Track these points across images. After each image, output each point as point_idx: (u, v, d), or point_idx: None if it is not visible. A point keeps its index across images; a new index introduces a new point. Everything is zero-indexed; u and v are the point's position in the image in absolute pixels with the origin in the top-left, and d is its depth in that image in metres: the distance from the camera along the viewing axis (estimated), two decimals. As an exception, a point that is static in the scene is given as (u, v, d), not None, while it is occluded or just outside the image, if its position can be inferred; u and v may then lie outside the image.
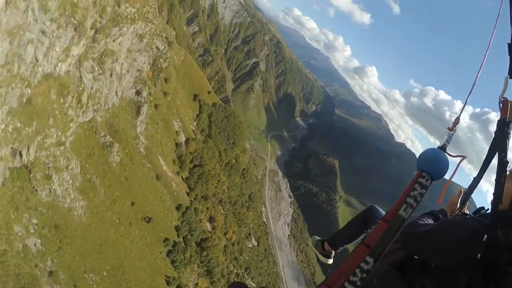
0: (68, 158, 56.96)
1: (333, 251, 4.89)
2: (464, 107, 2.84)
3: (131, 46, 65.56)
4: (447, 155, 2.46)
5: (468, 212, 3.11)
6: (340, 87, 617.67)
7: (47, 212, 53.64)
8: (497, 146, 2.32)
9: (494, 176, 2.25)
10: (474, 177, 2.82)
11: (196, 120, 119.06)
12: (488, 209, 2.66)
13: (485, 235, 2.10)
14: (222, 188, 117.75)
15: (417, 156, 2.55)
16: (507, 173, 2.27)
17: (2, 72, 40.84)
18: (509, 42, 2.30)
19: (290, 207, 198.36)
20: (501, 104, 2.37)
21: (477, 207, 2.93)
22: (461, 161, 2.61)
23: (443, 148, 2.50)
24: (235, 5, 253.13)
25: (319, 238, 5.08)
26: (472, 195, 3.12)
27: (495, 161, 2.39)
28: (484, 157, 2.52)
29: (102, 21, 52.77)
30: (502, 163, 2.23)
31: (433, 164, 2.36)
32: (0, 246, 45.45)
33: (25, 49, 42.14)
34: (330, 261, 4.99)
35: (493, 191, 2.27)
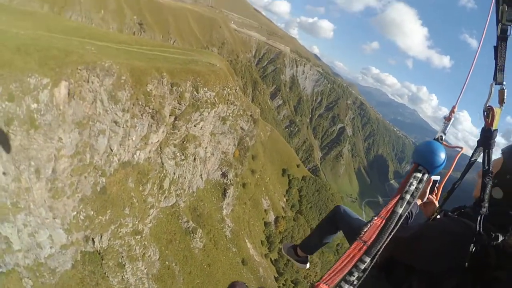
0: (145, 246, 50.61)
1: (307, 256, 4.52)
2: (461, 94, 2.62)
3: (214, 129, 60.29)
4: (443, 146, 2.29)
5: (438, 204, 2.87)
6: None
7: (117, 299, 46.88)
8: (482, 156, 2.17)
9: None
10: (454, 182, 2.57)
11: (286, 196, 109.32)
12: (465, 206, 2.37)
13: (472, 245, 1.94)
14: (314, 270, 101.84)
15: None
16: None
17: (73, 161, 36.87)
18: (495, 45, 2.13)
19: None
20: (485, 112, 2.17)
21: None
22: (459, 153, 2.45)
23: (439, 139, 2.34)
24: (314, 74, 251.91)
25: (291, 245, 4.72)
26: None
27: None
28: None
29: (181, 107, 48.12)
30: (486, 174, 2.08)
31: (428, 157, 2.21)
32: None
33: (96, 140, 37.93)
34: (307, 265, 4.65)
35: (478, 200, 2.12)
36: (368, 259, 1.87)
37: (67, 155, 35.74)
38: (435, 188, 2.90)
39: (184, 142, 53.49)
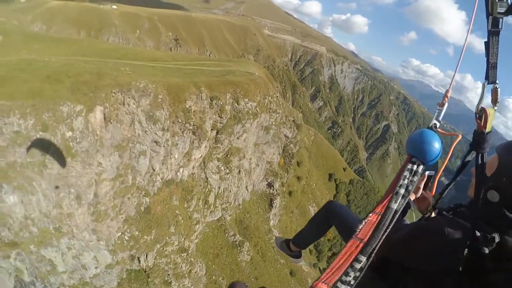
0: (191, 263, 48.35)
1: (301, 250, 4.32)
2: (453, 78, 2.37)
3: (257, 140, 57.02)
4: (438, 134, 2.12)
5: (434, 205, 2.58)
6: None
7: (163, 315, 45.18)
8: (475, 160, 2.00)
9: None
10: (447, 184, 2.48)
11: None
12: (461, 204, 2.22)
13: (466, 249, 1.83)
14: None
15: None
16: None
17: (115, 184, 35.24)
18: (486, 40, 1.92)
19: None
20: (477, 115, 2.01)
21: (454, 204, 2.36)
22: (456, 141, 2.20)
23: (433, 127, 2.17)
24: (353, 72, 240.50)
25: (283, 239, 4.45)
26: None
27: None
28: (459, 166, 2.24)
29: (222, 120, 45.24)
30: (481, 178, 1.94)
31: (421, 147, 2.05)
32: None
33: (137, 161, 35.96)
34: (301, 259, 4.40)
35: (472, 200, 2.02)
36: (364, 258, 1.78)
37: (108, 179, 34.11)
38: (430, 183, 2.55)
39: (228, 155, 50.71)
